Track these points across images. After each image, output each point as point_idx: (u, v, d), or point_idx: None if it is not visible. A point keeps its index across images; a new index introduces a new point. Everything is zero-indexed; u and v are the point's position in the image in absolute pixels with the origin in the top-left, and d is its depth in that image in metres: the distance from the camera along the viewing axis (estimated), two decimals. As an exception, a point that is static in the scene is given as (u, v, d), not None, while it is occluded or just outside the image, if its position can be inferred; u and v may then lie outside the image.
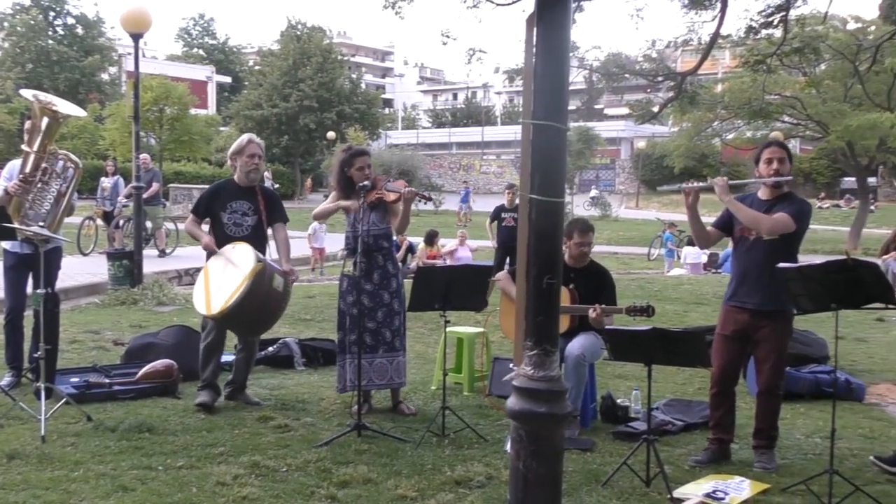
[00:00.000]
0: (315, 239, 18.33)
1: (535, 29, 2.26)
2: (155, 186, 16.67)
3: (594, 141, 48.21)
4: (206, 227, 6.45)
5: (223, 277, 5.82)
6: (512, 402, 2.43)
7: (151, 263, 14.47)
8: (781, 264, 4.73)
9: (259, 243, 6.21)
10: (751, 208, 5.14)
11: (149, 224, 16.33)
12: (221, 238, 6.24)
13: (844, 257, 4.47)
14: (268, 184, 41.31)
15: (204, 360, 6.34)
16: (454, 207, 37.23)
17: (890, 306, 4.59)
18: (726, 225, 5.37)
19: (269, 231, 6.47)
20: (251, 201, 6.33)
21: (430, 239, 17.64)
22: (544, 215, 2.32)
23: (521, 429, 2.36)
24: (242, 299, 5.58)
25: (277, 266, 6.05)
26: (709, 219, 5.59)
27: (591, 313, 5.67)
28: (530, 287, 2.28)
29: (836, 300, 4.51)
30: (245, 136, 6.53)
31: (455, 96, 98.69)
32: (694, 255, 19.41)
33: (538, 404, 2.36)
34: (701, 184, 5.28)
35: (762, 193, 5.25)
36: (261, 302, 5.75)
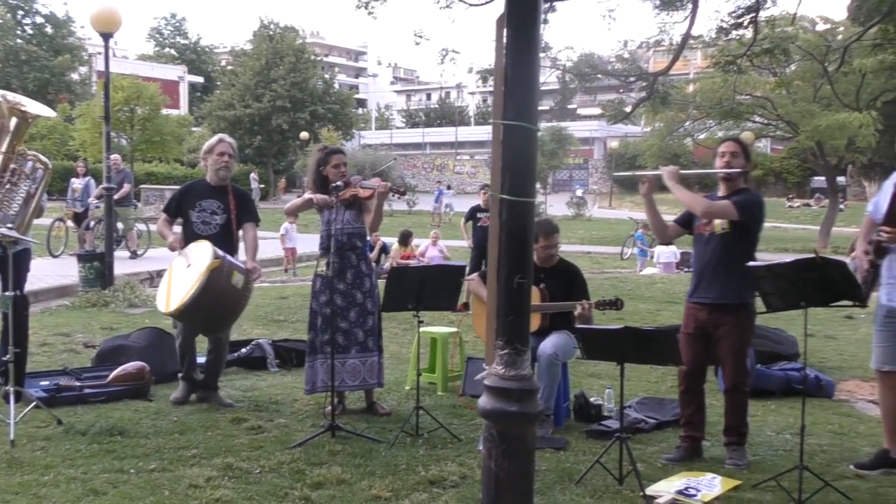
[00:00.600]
0: (287, 239, 18.25)
1: (505, 30, 2.27)
2: (126, 187, 16.52)
3: (567, 141, 48.49)
4: (178, 228, 6.44)
5: (182, 275, 5.88)
6: (483, 401, 2.44)
7: (123, 265, 14.36)
8: (751, 263, 4.79)
9: (227, 242, 6.25)
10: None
11: (120, 225, 16.19)
12: (191, 237, 6.26)
13: (813, 255, 4.52)
14: (254, 185, 41.25)
15: (180, 355, 6.49)
16: (428, 207, 37.26)
17: (858, 304, 4.65)
18: (686, 221, 5.44)
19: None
20: (221, 200, 6.37)
21: (405, 239, 17.64)
22: (515, 215, 2.33)
23: (493, 428, 2.37)
24: (197, 295, 5.64)
25: (240, 263, 6.07)
26: (669, 217, 5.66)
27: (578, 309, 5.69)
28: (501, 287, 2.30)
29: (806, 298, 4.56)
30: (216, 136, 6.61)
31: (429, 96, 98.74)
32: (667, 254, 19.51)
33: (509, 403, 2.37)
34: (653, 172, 5.35)
35: (719, 191, 5.33)
36: (217, 298, 5.78)
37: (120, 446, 5.18)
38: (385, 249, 17.65)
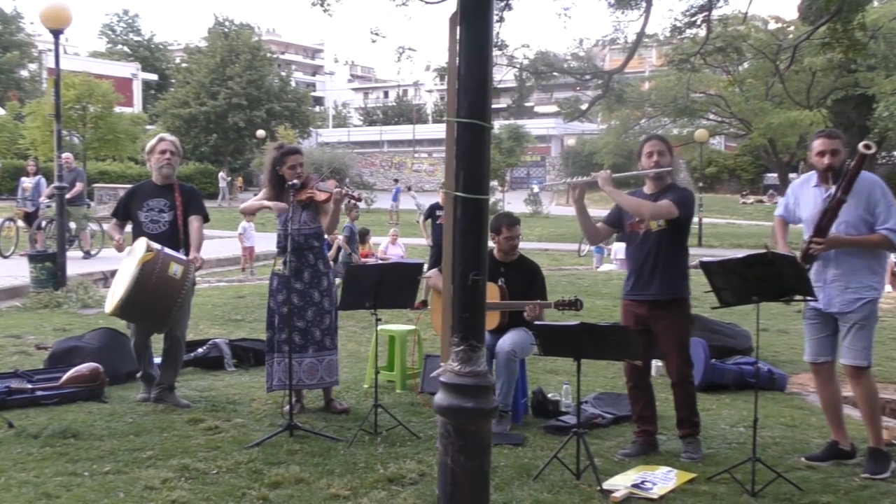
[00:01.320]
0: (245, 238, 18.09)
1: (458, 27, 2.28)
2: (78, 186, 16.25)
3: (524, 139, 48.64)
4: (130, 230, 6.42)
5: (123, 275, 5.92)
6: (439, 397, 2.44)
7: (76, 265, 14.13)
8: (705, 259, 4.87)
9: (175, 239, 6.26)
10: None
11: (73, 225, 15.95)
12: (140, 237, 6.22)
13: (764, 251, 4.60)
14: (223, 184, 40.96)
15: (136, 355, 6.49)
16: (386, 205, 37.20)
17: (808, 298, 4.74)
18: (616, 220, 5.51)
19: None
20: (167, 198, 6.38)
21: (362, 237, 17.56)
22: (469, 212, 2.34)
23: (449, 424, 2.37)
24: (132, 288, 5.66)
25: (179, 255, 6.07)
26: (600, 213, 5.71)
27: (527, 309, 5.73)
28: (456, 283, 2.31)
29: (757, 293, 4.65)
30: (158, 135, 6.65)
31: (386, 94, 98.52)
32: (623, 250, 19.63)
33: (465, 399, 2.38)
34: (585, 178, 5.39)
35: (647, 188, 5.39)
36: (154, 290, 5.75)
37: (73, 449, 5.10)
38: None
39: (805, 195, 5.16)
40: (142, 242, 5.90)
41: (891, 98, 36.69)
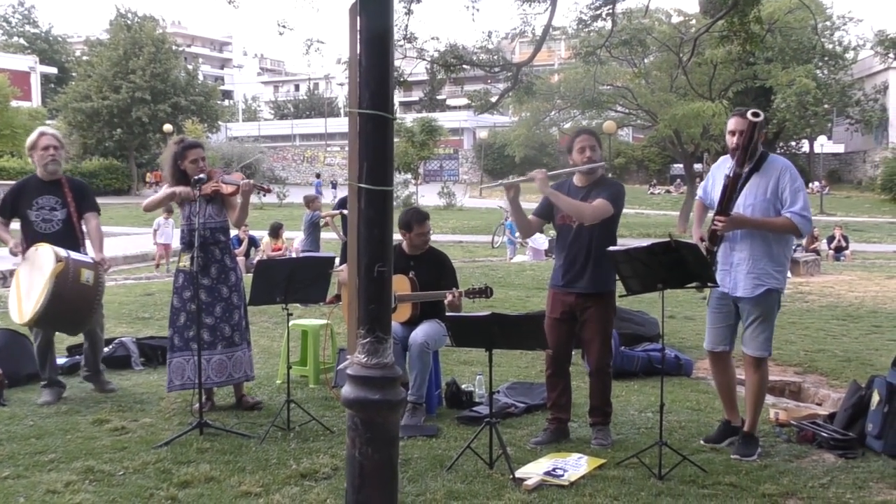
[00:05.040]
0: (160, 234, 17.68)
1: (358, 18, 2.27)
2: (-27, 183, 15.64)
3: (437, 132, 48.82)
4: (16, 227, 6.22)
5: (30, 282, 5.75)
6: (346, 390, 2.43)
7: (-28, 265, 13.61)
8: (610, 248, 4.94)
9: (71, 237, 6.14)
10: (568, 195, 5.33)
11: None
12: (32, 237, 6.12)
13: (668, 239, 4.70)
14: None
15: (40, 361, 6.31)
16: (299, 200, 36.81)
17: (710, 284, 4.86)
18: (546, 212, 5.56)
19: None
20: (57, 195, 6.23)
21: (275, 231, 17.37)
22: (373, 204, 2.33)
23: (356, 416, 2.36)
24: (48, 303, 5.56)
25: (87, 258, 5.96)
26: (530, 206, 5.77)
27: (448, 297, 5.75)
28: (361, 275, 2.30)
29: (662, 280, 4.75)
30: (38, 130, 6.46)
31: (297, 87, 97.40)
32: (536, 241, 19.87)
33: (372, 391, 2.37)
34: (521, 178, 5.44)
35: (577, 180, 5.45)
36: (70, 300, 5.68)
37: (-30, 455, 4.91)
38: (254, 243, 17.35)
39: (720, 175, 5.19)
40: (47, 250, 5.72)
41: (787, 90, 38.17)
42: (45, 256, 5.69)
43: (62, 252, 5.70)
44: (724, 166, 5.22)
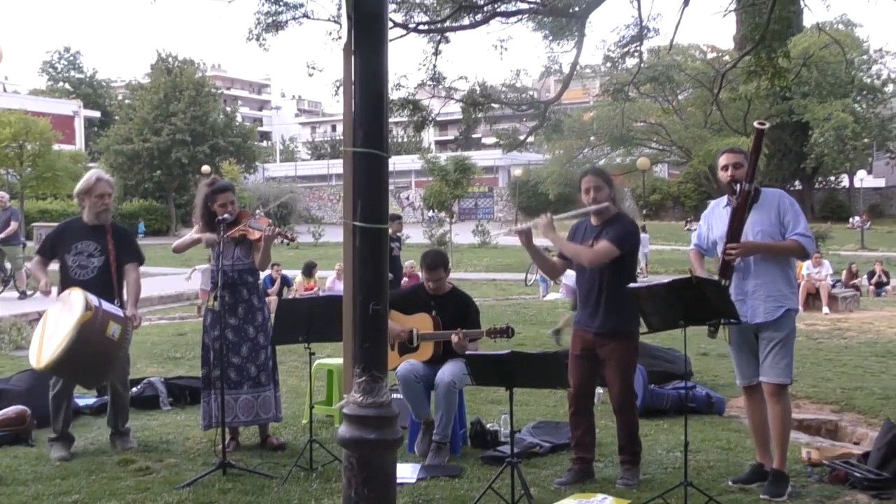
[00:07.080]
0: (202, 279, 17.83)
1: (352, 57, 2.28)
2: (13, 225, 15.89)
3: (471, 170, 48.97)
4: (55, 268, 6.18)
5: (55, 327, 5.47)
6: (342, 430, 2.42)
7: (10, 306, 13.82)
8: (631, 285, 4.90)
9: (105, 286, 5.91)
10: (584, 234, 5.35)
11: (8, 265, 15.60)
12: (67, 282, 5.92)
13: (689, 275, 4.65)
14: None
15: (54, 409, 5.99)
16: (335, 239, 37.00)
17: (732, 321, 4.79)
18: None
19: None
20: (98, 241, 6.03)
21: (308, 270, 17.45)
22: (367, 242, 2.33)
23: (352, 456, 2.34)
24: (67, 351, 5.24)
25: (118, 311, 5.71)
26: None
27: (454, 338, 5.72)
28: (356, 314, 2.29)
29: (684, 316, 4.68)
30: (93, 174, 6.21)
31: (334, 128, 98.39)
32: (569, 277, 19.68)
33: (367, 431, 2.35)
34: (526, 225, 5.40)
35: (592, 219, 5.41)
36: (90, 352, 5.39)
37: (-4, 495, 4.94)
38: (287, 282, 17.43)
39: (716, 218, 5.26)
40: (78, 296, 5.45)
41: (824, 124, 37.85)
42: (76, 302, 5.45)
43: (94, 300, 5.46)
44: (717, 209, 5.28)
